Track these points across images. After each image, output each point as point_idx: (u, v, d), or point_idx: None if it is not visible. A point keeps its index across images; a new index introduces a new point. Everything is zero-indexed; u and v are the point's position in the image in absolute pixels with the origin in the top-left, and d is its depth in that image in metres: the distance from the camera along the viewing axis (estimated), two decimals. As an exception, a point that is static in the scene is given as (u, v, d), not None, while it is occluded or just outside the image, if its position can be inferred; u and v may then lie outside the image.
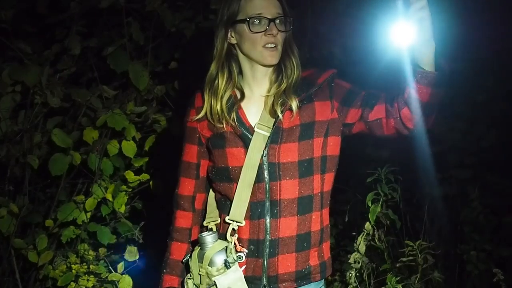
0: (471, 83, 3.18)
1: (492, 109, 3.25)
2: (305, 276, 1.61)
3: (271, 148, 1.55)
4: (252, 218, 1.57)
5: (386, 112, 1.54)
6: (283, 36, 1.56)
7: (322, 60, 2.71)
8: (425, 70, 1.42)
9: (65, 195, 2.55)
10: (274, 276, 1.58)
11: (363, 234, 2.57)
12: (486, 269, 3.01)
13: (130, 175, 2.47)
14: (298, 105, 1.56)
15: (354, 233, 2.69)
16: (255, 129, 1.56)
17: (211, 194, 1.71)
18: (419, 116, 1.49)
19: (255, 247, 1.57)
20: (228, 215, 1.59)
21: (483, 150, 3.21)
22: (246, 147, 1.56)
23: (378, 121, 1.56)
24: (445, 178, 3.24)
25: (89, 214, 2.44)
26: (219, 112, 1.58)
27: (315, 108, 1.58)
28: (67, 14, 2.46)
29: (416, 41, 1.38)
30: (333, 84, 1.61)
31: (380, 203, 2.53)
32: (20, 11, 2.46)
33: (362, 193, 2.66)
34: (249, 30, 1.53)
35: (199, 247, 1.56)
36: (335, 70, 1.63)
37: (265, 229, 1.56)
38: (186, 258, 1.60)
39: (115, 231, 2.56)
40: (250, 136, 1.56)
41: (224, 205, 1.64)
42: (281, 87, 1.58)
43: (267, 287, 1.59)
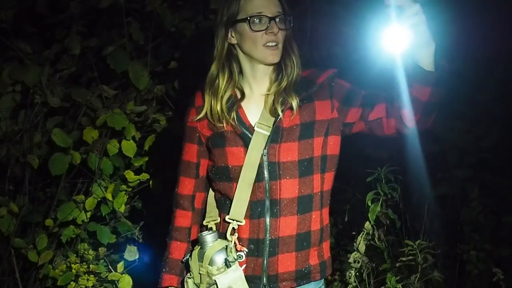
0: (471, 83, 3.18)
1: (492, 109, 3.25)
2: (305, 276, 1.61)
3: (271, 148, 1.55)
4: (252, 217, 1.57)
5: (387, 112, 1.54)
6: (284, 35, 1.56)
7: (322, 60, 2.71)
8: (425, 70, 1.41)
9: (65, 195, 2.56)
10: (274, 275, 1.58)
11: (363, 234, 2.57)
12: (486, 269, 3.01)
13: (130, 175, 2.47)
14: (299, 104, 1.56)
15: (354, 233, 2.69)
16: (255, 128, 1.56)
17: (211, 194, 1.71)
18: (419, 116, 1.49)
19: (255, 246, 1.57)
20: (228, 214, 1.59)
21: (483, 150, 3.21)
22: (246, 146, 1.56)
23: (378, 121, 1.56)
24: (445, 178, 3.24)
25: (89, 214, 2.44)
26: (219, 112, 1.59)
27: (315, 108, 1.59)
28: (67, 14, 2.46)
29: (414, 44, 1.38)
30: (334, 84, 1.61)
31: (380, 203, 2.53)
32: (20, 11, 2.47)
33: (362, 193, 2.65)
34: (250, 29, 1.53)
35: (199, 246, 1.56)
36: (336, 70, 1.63)
37: (265, 228, 1.56)
38: (186, 258, 1.60)
39: (115, 231, 2.56)
40: (250, 135, 1.56)
41: (224, 205, 1.64)
42: (282, 86, 1.58)
43: (267, 286, 1.59)
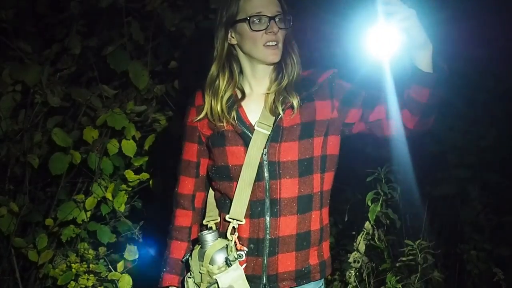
0: (471, 83, 3.18)
1: (492, 109, 3.25)
2: (305, 275, 1.61)
3: (271, 147, 1.55)
4: (252, 217, 1.57)
5: (386, 113, 1.54)
6: (284, 34, 1.57)
7: (322, 60, 2.71)
8: (423, 72, 1.42)
9: (65, 194, 2.56)
10: (274, 275, 1.58)
11: (363, 234, 2.56)
12: (486, 269, 3.01)
13: (130, 174, 2.47)
14: (299, 104, 1.56)
15: (354, 233, 2.69)
16: (255, 128, 1.56)
17: (211, 193, 1.71)
18: (419, 117, 1.49)
19: (255, 246, 1.57)
20: (228, 214, 1.58)
21: (483, 150, 3.21)
22: (246, 146, 1.56)
23: (379, 122, 1.56)
24: (445, 178, 3.24)
25: (89, 213, 2.45)
26: (219, 112, 1.59)
27: (316, 107, 1.58)
28: (67, 14, 2.46)
29: (410, 46, 1.38)
30: (334, 84, 1.61)
31: (380, 203, 2.52)
32: (21, 11, 2.47)
33: (362, 193, 2.65)
34: (250, 29, 1.53)
35: (199, 246, 1.56)
36: (336, 70, 1.63)
37: (265, 228, 1.56)
38: (186, 257, 1.60)
39: (115, 230, 2.55)
40: (250, 135, 1.56)
41: (224, 204, 1.64)
42: (282, 85, 1.58)
43: (267, 286, 1.59)
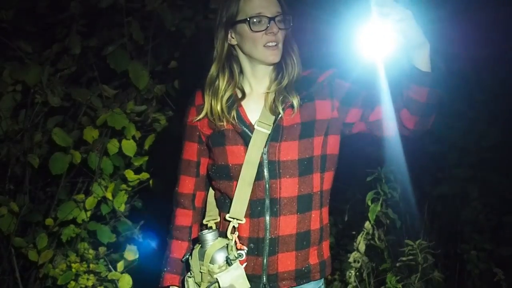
0: (471, 82, 3.18)
1: (492, 108, 3.25)
2: (305, 275, 1.61)
3: (271, 146, 1.55)
4: (252, 216, 1.57)
5: (386, 113, 1.54)
6: (284, 34, 1.57)
7: (322, 60, 2.71)
8: (421, 71, 1.41)
9: (65, 194, 2.56)
10: (274, 275, 1.58)
11: (363, 233, 2.57)
12: (486, 269, 3.01)
13: (130, 174, 2.47)
14: (300, 103, 1.56)
15: (354, 232, 2.69)
16: (255, 127, 1.56)
17: (211, 193, 1.71)
18: (419, 117, 1.49)
19: (255, 245, 1.57)
20: (228, 213, 1.58)
21: (483, 150, 3.21)
22: (246, 145, 1.56)
23: (379, 122, 1.56)
24: (445, 178, 3.24)
25: (89, 213, 2.45)
26: (219, 112, 1.59)
27: (316, 107, 1.58)
28: (68, 14, 2.46)
29: (407, 46, 1.38)
30: (334, 83, 1.61)
31: (380, 202, 2.53)
32: (21, 11, 2.47)
33: (362, 192, 2.66)
34: (250, 30, 1.53)
35: (200, 245, 1.56)
36: (336, 70, 1.63)
37: (265, 227, 1.56)
38: (187, 257, 1.60)
39: (115, 230, 2.56)
40: (250, 134, 1.56)
41: (224, 203, 1.64)
42: (282, 84, 1.58)
43: (267, 286, 1.59)
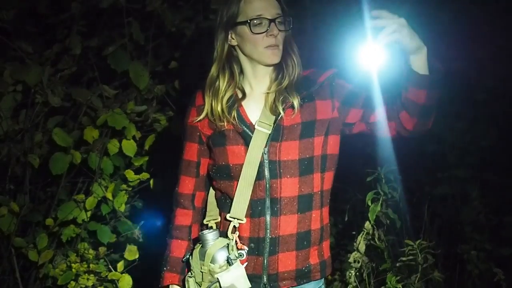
0: (471, 83, 3.18)
1: (492, 109, 3.25)
2: (305, 275, 1.61)
3: (272, 146, 1.55)
4: (253, 216, 1.58)
5: (387, 114, 1.55)
6: (284, 36, 1.57)
7: (321, 60, 2.71)
8: (419, 74, 1.43)
9: (66, 194, 2.56)
10: (274, 274, 1.58)
11: (363, 233, 2.56)
12: (487, 269, 3.01)
13: (130, 174, 2.47)
14: (300, 103, 1.57)
15: (354, 232, 2.69)
16: (256, 127, 1.57)
17: (211, 192, 1.71)
18: (418, 119, 1.50)
19: (256, 245, 1.58)
20: (229, 213, 1.59)
21: (483, 150, 3.21)
22: (247, 145, 1.56)
23: (379, 123, 1.57)
24: (445, 178, 3.24)
25: (89, 213, 2.44)
26: (220, 112, 1.59)
27: (316, 107, 1.59)
28: (68, 14, 2.46)
29: (404, 51, 1.39)
30: (334, 83, 1.61)
31: (380, 202, 2.52)
32: (21, 11, 2.47)
33: (362, 192, 2.65)
34: (250, 32, 1.54)
35: (200, 245, 1.56)
36: (336, 70, 1.64)
37: (266, 227, 1.57)
38: (187, 257, 1.60)
39: (115, 230, 2.55)
40: (251, 134, 1.57)
41: (225, 203, 1.64)
42: (283, 85, 1.58)
43: (268, 285, 1.59)
